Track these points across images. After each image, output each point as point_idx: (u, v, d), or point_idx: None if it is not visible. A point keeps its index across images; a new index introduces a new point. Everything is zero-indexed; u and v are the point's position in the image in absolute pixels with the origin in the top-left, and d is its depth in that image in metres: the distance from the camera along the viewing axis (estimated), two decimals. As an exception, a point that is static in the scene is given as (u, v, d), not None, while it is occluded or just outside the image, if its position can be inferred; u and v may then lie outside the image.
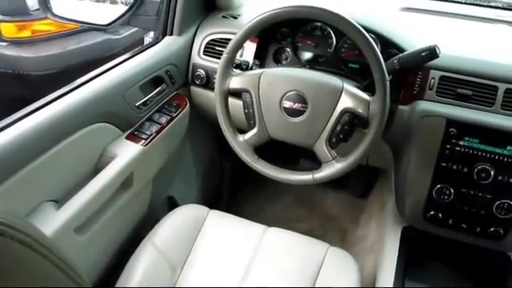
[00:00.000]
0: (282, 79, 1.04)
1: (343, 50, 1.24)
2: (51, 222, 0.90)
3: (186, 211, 1.23)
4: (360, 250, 1.56)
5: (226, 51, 1.06)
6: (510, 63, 1.12)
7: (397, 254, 1.20)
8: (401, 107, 1.15)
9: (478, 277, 1.22)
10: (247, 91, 1.06)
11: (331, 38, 1.25)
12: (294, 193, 1.96)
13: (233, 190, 1.94)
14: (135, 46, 1.45)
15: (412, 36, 1.20)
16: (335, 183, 1.92)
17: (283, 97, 1.03)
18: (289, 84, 1.02)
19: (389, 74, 1.08)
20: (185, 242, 1.16)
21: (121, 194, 1.13)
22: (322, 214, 1.87)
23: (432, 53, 1.02)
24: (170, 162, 1.38)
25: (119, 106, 1.14)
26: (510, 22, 1.36)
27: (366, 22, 1.17)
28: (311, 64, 1.26)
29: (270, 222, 1.23)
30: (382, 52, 1.15)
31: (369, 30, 1.15)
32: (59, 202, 0.96)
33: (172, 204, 1.50)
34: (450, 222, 1.15)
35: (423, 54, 1.03)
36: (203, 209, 1.24)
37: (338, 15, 0.98)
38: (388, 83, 0.96)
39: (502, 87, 1.08)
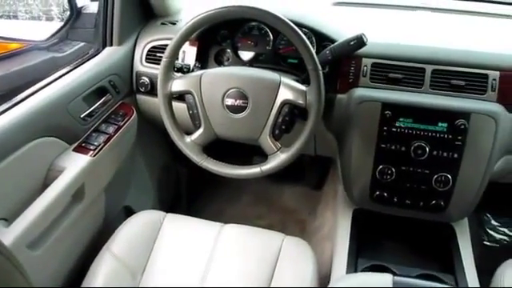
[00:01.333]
0: (222, 78, 1.07)
1: (281, 46, 1.29)
2: (1, 240, 0.89)
3: (142, 217, 1.24)
4: (319, 238, 1.61)
5: (165, 56, 1.08)
6: (435, 46, 1.20)
7: (349, 237, 1.26)
8: (339, 96, 1.21)
9: (425, 248, 1.29)
10: (190, 93, 1.08)
11: (269, 36, 1.30)
12: (253, 191, 2.00)
13: (192, 193, 1.95)
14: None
15: (344, 28, 1.26)
16: (291, 177, 2.00)
17: (225, 95, 1.06)
18: (229, 82, 1.06)
19: (323, 66, 1.14)
20: (143, 247, 1.16)
21: (73, 207, 1.13)
22: (280, 209, 1.91)
23: (360, 41, 1.09)
24: (122, 171, 1.38)
25: (63, 118, 1.13)
26: (432, 9, 1.46)
27: (299, 18, 1.24)
28: (252, 63, 1.30)
29: (230, 222, 1.25)
30: (317, 45, 1.22)
31: (303, 26, 1.22)
32: (9, 220, 0.95)
33: (129, 213, 1.49)
34: (395, 199, 1.22)
35: (352, 43, 1.09)
36: (159, 213, 1.25)
37: (268, 12, 1.02)
38: (321, 73, 1.01)
39: (428, 69, 1.15)
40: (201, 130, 1.10)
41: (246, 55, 1.32)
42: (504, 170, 1.23)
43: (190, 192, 1.95)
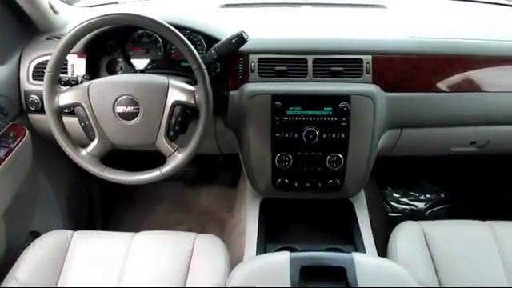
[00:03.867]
0: (110, 87, 1.07)
1: (173, 51, 1.31)
2: None
3: (47, 239, 1.20)
4: (237, 234, 1.65)
5: (48, 69, 1.06)
6: (314, 38, 1.30)
7: (257, 226, 1.31)
8: (231, 93, 1.26)
9: (329, 224, 1.38)
10: (79, 105, 1.07)
11: (159, 42, 1.31)
12: (170, 198, 2.00)
13: (107, 208, 1.91)
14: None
15: (231, 28, 1.31)
16: (206, 179, 2.03)
17: (115, 103, 1.06)
18: (117, 90, 1.06)
19: (211, 65, 1.19)
20: (50, 269, 1.13)
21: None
22: (199, 212, 1.93)
23: (240, 38, 1.14)
24: (24, 195, 1.32)
25: None
26: (313, 4, 1.56)
27: (186, 21, 1.27)
28: (146, 70, 1.31)
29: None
30: (207, 47, 1.26)
31: (189, 29, 1.26)
32: None
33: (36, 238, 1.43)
34: (296, 184, 1.29)
35: (233, 40, 1.15)
36: (66, 232, 1.22)
37: (146, 18, 1.04)
38: (206, 72, 1.05)
39: (310, 59, 1.24)
40: (95, 142, 1.09)
41: (140, 63, 1.32)
42: (389, 143, 1.36)
43: (105, 207, 1.91)
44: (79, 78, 1.21)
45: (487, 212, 1.71)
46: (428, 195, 1.98)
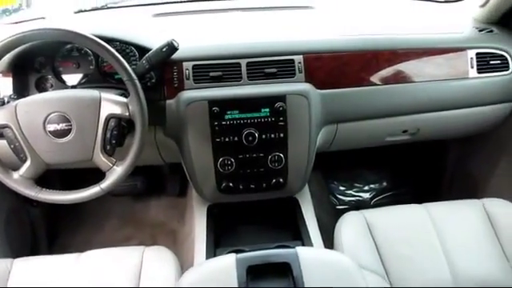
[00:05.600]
0: (38, 105, 1.04)
1: (105, 64, 1.29)
2: None
3: None
4: (189, 243, 1.64)
5: None
6: (246, 41, 1.32)
7: (206, 232, 1.31)
8: (168, 102, 1.25)
9: (278, 223, 1.41)
10: (7, 126, 1.03)
11: (89, 55, 1.28)
12: (118, 214, 1.96)
13: (52, 230, 1.84)
14: None
15: (164, 37, 1.30)
16: (154, 191, 2.00)
17: (45, 121, 1.03)
18: (47, 107, 1.03)
19: (144, 75, 1.18)
20: None
21: None
22: (149, 225, 1.90)
23: (171, 47, 1.14)
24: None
25: None
26: (243, 8, 1.59)
27: (117, 33, 1.26)
28: (79, 85, 1.28)
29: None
30: (140, 57, 1.25)
31: (120, 40, 1.24)
32: None
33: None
34: (241, 187, 1.31)
35: (164, 49, 1.15)
36: (6, 261, 1.16)
37: (71, 32, 1.02)
38: (137, 82, 1.05)
39: (243, 62, 1.26)
40: (28, 163, 1.05)
41: (72, 78, 1.29)
42: (327, 139, 1.40)
43: (50, 230, 1.83)
44: (5, 99, 1.16)
45: (427, 195, 1.81)
46: (371, 185, 2.07)
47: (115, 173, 1.07)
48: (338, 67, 1.30)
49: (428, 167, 2.05)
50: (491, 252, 1.18)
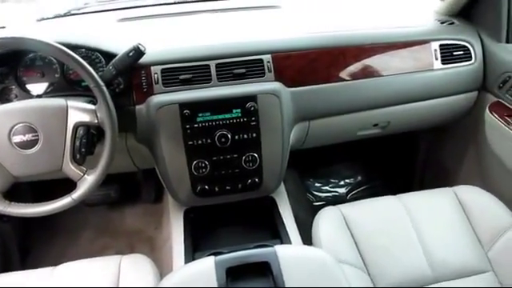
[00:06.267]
0: (2, 116, 1.00)
1: (70, 71, 1.25)
2: None
3: None
4: (167, 249, 1.62)
5: None
6: (214, 43, 1.31)
7: (183, 237, 1.30)
8: (138, 107, 1.24)
9: (256, 223, 1.41)
10: None
11: (54, 64, 1.25)
12: (94, 224, 1.92)
13: (25, 245, 1.79)
14: None
15: (130, 42, 1.28)
16: (129, 198, 1.97)
17: (10, 133, 1.00)
18: (11, 118, 1.00)
19: (112, 81, 1.16)
20: None
21: None
22: (126, 234, 1.87)
23: (138, 51, 1.13)
24: None
25: None
26: (210, 10, 1.59)
27: (82, 39, 1.23)
28: (45, 94, 1.24)
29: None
30: (107, 64, 1.22)
31: (85, 47, 1.22)
32: None
33: None
34: (217, 189, 1.30)
35: (130, 54, 1.13)
36: None
37: (34, 40, 0.99)
38: (104, 89, 1.03)
39: (212, 64, 1.26)
40: None
41: (37, 88, 1.25)
42: (299, 136, 1.41)
43: (22, 244, 1.78)
44: None
45: (401, 186, 1.84)
46: (347, 180, 2.10)
47: (86, 182, 1.04)
48: (306, 65, 1.31)
49: (400, 159, 2.09)
50: (466, 239, 1.21)
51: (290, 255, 0.92)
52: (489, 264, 1.16)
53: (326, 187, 2.06)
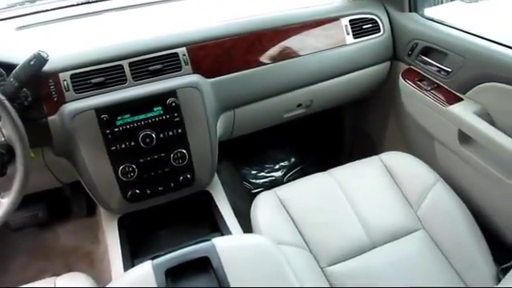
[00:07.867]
0: None
1: None
2: None
3: None
4: (107, 262, 1.55)
5: None
6: (124, 41, 1.25)
7: (120, 246, 1.25)
8: (50, 118, 1.15)
9: (196, 220, 1.38)
10: None
11: None
12: (25, 249, 1.79)
13: None
14: None
15: (32, 50, 1.19)
16: (59, 216, 1.86)
17: None
18: None
19: (16, 94, 1.07)
20: None
21: None
22: (61, 253, 1.76)
23: (39, 58, 1.04)
24: None
25: None
26: (116, 8, 1.52)
27: None
28: None
29: None
30: (7, 75, 1.13)
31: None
32: None
33: None
34: (148, 191, 1.26)
35: (32, 62, 1.04)
36: None
37: None
38: (7, 103, 0.95)
39: (125, 63, 1.20)
40: None
41: None
42: (227, 126, 1.40)
43: None
44: None
45: (332, 161, 1.90)
46: (281, 163, 2.12)
47: (2, 206, 0.96)
48: (223, 53, 1.30)
49: (329, 135, 2.15)
50: (396, 202, 1.27)
51: (228, 246, 0.91)
52: (419, 222, 1.23)
53: (262, 173, 2.07)
